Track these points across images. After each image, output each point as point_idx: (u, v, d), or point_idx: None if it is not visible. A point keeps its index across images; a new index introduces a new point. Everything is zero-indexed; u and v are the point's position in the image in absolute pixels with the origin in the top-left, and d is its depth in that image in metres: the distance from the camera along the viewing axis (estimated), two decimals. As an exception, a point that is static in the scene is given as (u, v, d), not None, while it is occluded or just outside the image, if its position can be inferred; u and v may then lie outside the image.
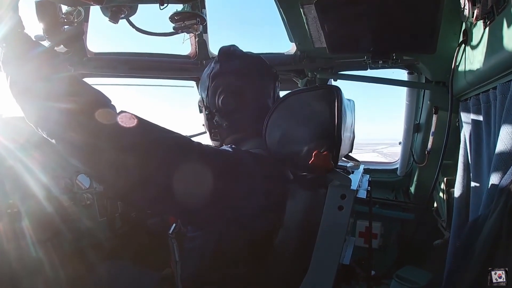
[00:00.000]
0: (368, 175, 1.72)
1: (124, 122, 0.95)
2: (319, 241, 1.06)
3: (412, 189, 2.67)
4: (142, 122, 0.96)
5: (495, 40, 1.35)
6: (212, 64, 1.35)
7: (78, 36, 2.04)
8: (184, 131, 2.43)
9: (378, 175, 2.85)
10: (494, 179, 1.27)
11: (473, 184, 1.68)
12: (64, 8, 1.83)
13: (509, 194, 1.08)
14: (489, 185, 1.30)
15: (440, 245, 2.19)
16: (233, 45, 1.39)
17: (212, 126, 1.37)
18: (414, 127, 2.49)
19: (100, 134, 0.90)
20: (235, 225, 1.07)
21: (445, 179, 2.20)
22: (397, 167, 2.80)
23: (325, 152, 1.09)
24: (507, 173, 1.15)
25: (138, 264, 1.89)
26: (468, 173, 1.77)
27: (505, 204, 1.07)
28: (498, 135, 1.30)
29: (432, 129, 2.28)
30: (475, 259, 1.14)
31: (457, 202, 1.87)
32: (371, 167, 2.87)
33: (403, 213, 2.64)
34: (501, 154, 1.25)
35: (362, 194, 1.37)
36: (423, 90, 2.34)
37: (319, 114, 1.15)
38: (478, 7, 1.40)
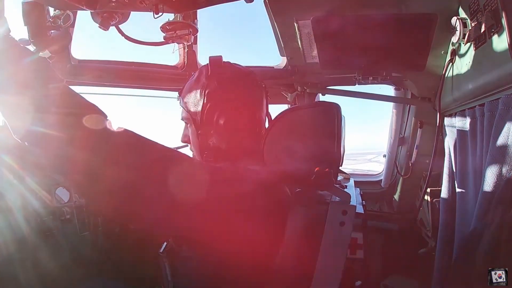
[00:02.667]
0: (358, 188, 1.76)
1: (121, 139, 0.90)
2: (321, 257, 1.06)
3: (397, 199, 2.74)
4: (137, 138, 0.92)
5: (484, 61, 1.41)
6: (203, 79, 1.26)
7: (65, 42, 1.96)
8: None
9: (362, 187, 2.88)
10: (486, 191, 1.31)
11: (459, 195, 1.74)
12: (52, 12, 1.76)
13: (505, 206, 1.12)
14: (481, 197, 1.34)
15: (425, 254, 2.25)
16: (220, 56, 1.31)
17: (206, 148, 1.28)
18: (399, 140, 2.57)
19: (95, 150, 0.85)
20: (234, 246, 1.03)
21: (429, 189, 2.28)
22: (381, 179, 2.88)
23: (326, 169, 1.08)
24: (501, 185, 1.20)
25: (121, 282, 1.83)
26: (454, 184, 1.84)
27: (502, 216, 1.11)
28: (484, 149, 1.37)
29: (417, 142, 2.36)
30: (478, 268, 1.16)
31: (443, 213, 1.93)
32: (356, 179, 2.90)
33: (387, 223, 2.69)
34: (492, 168, 1.29)
35: (359, 208, 1.39)
36: (408, 105, 2.42)
37: (319, 131, 1.17)
38: (470, 29, 1.47)
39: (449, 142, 1.91)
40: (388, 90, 2.44)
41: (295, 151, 1.17)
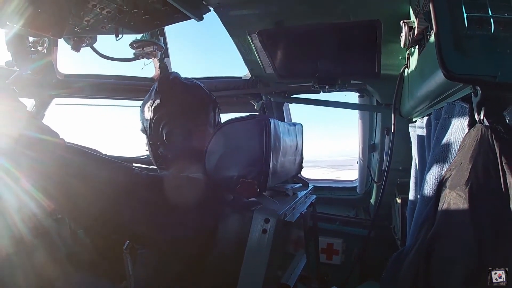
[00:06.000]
0: (314, 196, 1.77)
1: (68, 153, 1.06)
2: (245, 262, 1.11)
3: (371, 206, 2.71)
4: (85, 154, 1.09)
5: (426, 67, 1.34)
6: (153, 95, 1.34)
7: (45, 63, 2.13)
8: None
9: (338, 193, 2.87)
10: (420, 206, 1.28)
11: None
12: (32, 38, 1.91)
13: (429, 227, 1.04)
14: (415, 215, 1.32)
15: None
16: (173, 73, 1.40)
17: (157, 156, 1.38)
18: (370, 147, 2.52)
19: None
20: (172, 245, 1.12)
21: (400, 198, 2.25)
22: (357, 185, 2.83)
23: (249, 180, 1.16)
24: (429, 205, 1.13)
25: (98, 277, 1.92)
26: (417, 192, 1.81)
27: (423, 241, 1.03)
28: None
29: (386, 149, 2.31)
30: None
31: (409, 220, 1.91)
32: (332, 185, 2.90)
33: (363, 230, 2.65)
34: (428, 180, 1.26)
35: (292, 217, 1.39)
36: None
37: (249, 143, 1.21)
38: (412, 33, 1.37)
39: (413, 150, 1.87)
40: (355, 97, 2.41)
41: (229, 161, 1.22)
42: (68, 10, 1.42)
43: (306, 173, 2.53)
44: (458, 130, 1.09)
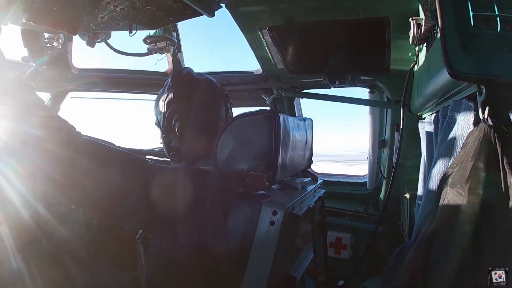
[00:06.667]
0: (323, 190, 1.79)
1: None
2: (253, 252, 1.14)
3: (381, 202, 2.72)
4: (100, 146, 1.16)
5: (433, 66, 1.35)
6: (166, 89, 1.40)
7: (60, 58, 2.20)
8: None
9: (348, 188, 2.89)
10: (424, 204, 1.31)
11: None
12: (47, 34, 1.98)
13: (430, 223, 1.05)
14: (420, 211, 1.34)
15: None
16: (186, 68, 1.45)
17: (170, 149, 1.44)
18: (380, 143, 2.52)
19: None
20: (183, 235, 1.16)
21: (409, 194, 2.26)
22: (367, 181, 2.84)
23: (258, 174, 1.19)
24: (431, 201, 1.14)
25: (112, 265, 1.99)
26: (424, 188, 1.82)
27: (423, 237, 1.05)
28: None
29: (395, 145, 2.32)
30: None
31: (417, 217, 1.92)
32: (342, 180, 2.92)
33: (372, 225, 2.65)
34: (432, 179, 1.28)
35: (300, 210, 1.42)
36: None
37: (258, 137, 1.25)
38: (420, 30, 1.38)
39: (422, 147, 1.88)
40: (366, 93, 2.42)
41: (239, 155, 1.27)
42: (83, 8, 1.46)
43: (324, 167, 2.56)
44: (463, 128, 1.10)
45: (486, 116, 0.93)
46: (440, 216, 0.97)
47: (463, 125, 1.10)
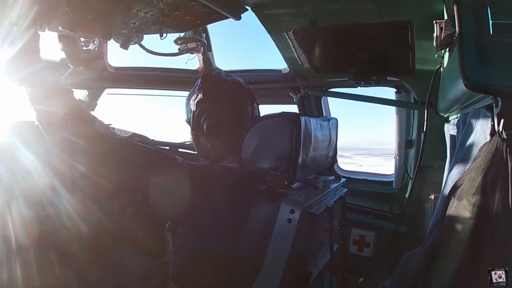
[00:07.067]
0: (345, 189, 1.83)
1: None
2: (270, 247, 1.23)
3: (406, 202, 2.69)
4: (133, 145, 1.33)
5: (454, 71, 1.25)
6: (196, 90, 1.48)
7: (96, 59, 2.34)
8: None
9: (374, 186, 2.88)
10: (438, 210, 1.28)
11: None
12: (83, 37, 2.12)
13: (437, 231, 1.06)
14: (434, 216, 1.34)
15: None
16: (216, 69, 1.53)
17: (198, 145, 1.53)
18: (407, 143, 2.50)
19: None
20: (208, 227, 1.26)
21: (433, 195, 2.23)
22: (393, 180, 2.81)
23: (278, 174, 1.27)
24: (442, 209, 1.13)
25: (140, 252, 2.14)
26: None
27: (430, 244, 1.06)
28: None
29: (422, 146, 2.28)
30: None
31: None
32: (368, 178, 2.92)
33: (396, 225, 2.65)
34: (447, 187, 1.26)
35: (318, 209, 1.46)
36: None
37: (280, 138, 1.32)
38: (442, 35, 1.33)
39: (447, 149, 1.86)
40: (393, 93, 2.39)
41: (262, 154, 1.35)
42: (115, 16, 1.56)
43: (359, 161, 2.57)
44: (480, 138, 1.08)
45: (501, 129, 0.91)
46: (444, 227, 0.99)
47: (480, 135, 1.08)
